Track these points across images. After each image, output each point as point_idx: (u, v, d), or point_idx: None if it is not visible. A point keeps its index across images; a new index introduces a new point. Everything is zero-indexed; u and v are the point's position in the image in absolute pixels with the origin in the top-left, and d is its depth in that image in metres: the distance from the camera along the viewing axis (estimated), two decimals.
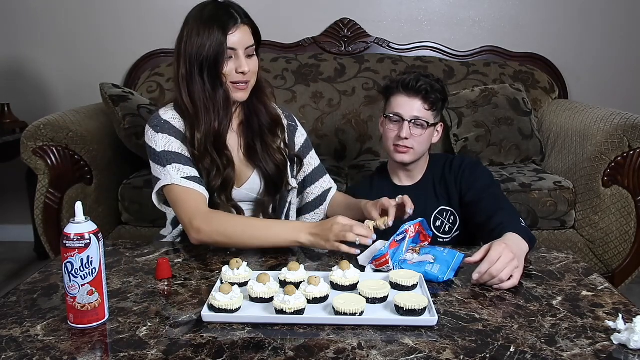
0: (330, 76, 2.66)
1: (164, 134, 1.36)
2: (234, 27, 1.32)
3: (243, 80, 1.36)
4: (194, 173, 1.35)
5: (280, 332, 0.92)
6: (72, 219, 0.94)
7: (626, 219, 2.05)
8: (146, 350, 0.86)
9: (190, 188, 1.32)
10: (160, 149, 1.35)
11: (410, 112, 1.54)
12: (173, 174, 1.32)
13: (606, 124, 2.06)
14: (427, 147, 1.61)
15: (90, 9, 2.82)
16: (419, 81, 1.53)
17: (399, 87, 1.56)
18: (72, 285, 0.93)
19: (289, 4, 2.84)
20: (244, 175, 1.46)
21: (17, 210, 2.94)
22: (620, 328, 0.90)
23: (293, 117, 1.60)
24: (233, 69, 1.34)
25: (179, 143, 1.37)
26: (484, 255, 1.13)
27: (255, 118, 1.45)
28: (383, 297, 1.02)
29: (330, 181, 1.62)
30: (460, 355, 0.85)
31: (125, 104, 2.16)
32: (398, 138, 1.55)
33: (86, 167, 2.07)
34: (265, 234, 1.28)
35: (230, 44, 1.32)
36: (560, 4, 2.83)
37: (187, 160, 1.36)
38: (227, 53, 1.32)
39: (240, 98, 1.38)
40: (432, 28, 2.86)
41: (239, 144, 1.46)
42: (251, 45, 1.36)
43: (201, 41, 1.31)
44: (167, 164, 1.34)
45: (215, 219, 1.29)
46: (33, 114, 2.56)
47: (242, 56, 1.34)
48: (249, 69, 1.35)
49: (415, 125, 1.55)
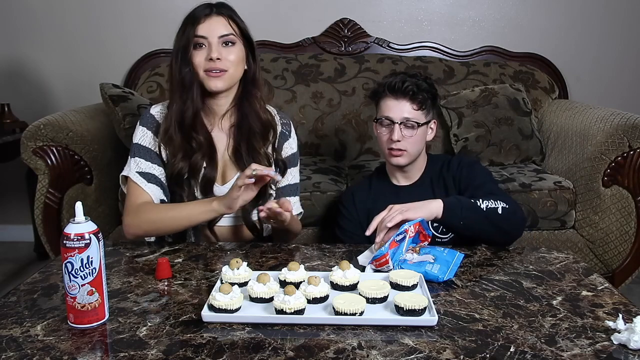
0: (330, 76, 2.66)
1: (144, 127, 1.46)
2: (205, 17, 1.39)
3: (216, 67, 1.38)
4: (151, 170, 1.42)
5: (280, 332, 0.92)
6: (72, 219, 0.94)
7: (626, 219, 2.05)
8: (146, 350, 0.86)
9: (138, 184, 1.40)
10: (136, 141, 1.45)
11: (399, 114, 1.54)
12: (132, 167, 1.42)
13: (606, 124, 2.06)
14: (421, 147, 1.61)
15: (91, 9, 2.82)
16: (405, 82, 1.53)
17: (385, 91, 1.56)
18: (72, 285, 0.93)
19: (289, 4, 2.83)
20: (229, 174, 1.47)
21: (17, 210, 2.94)
22: (620, 328, 0.90)
23: (290, 127, 1.57)
24: (204, 57, 1.38)
25: (152, 136, 1.44)
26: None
27: (246, 122, 1.46)
28: (383, 297, 1.02)
29: (295, 203, 1.54)
30: (460, 355, 0.85)
31: (125, 104, 2.16)
32: (390, 141, 1.55)
33: (86, 167, 2.07)
34: (185, 212, 1.37)
35: (199, 32, 1.38)
36: (560, 4, 2.83)
37: (153, 157, 1.43)
38: (194, 40, 1.38)
39: (215, 86, 1.40)
40: (432, 28, 2.86)
41: (227, 144, 1.48)
42: (226, 34, 1.39)
43: (178, 37, 1.41)
44: (133, 156, 1.43)
45: (141, 210, 1.38)
46: (33, 114, 2.55)
47: (215, 44, 1.38)
48: (220, 56, 1.38)
49: (406, 127, 1.55)
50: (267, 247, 1.36)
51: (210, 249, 1.34)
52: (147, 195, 1.40)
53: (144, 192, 1.40)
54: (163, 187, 1.43)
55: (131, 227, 1.38)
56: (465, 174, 1.58)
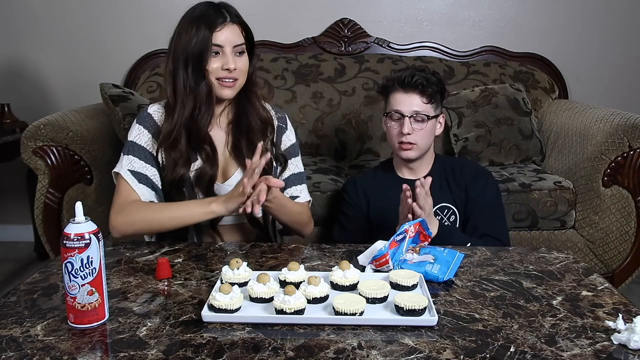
0: (330, 76, 2.66)
1: (140, 125, 1.44)
2: (221, 25, 1.36)
3: (229, 77, 1.37)
4: (144, 170, 1.40)
5: (280, 332, 0.92)
6: (72, 219, 0.94)
7: (626, 219, 2.05)
8: (146, 350, 0.86)
9: (128, 182, 1.38)
10: (131, 138, 1.43)
11: (409, 107, 1.57)
12: (124, 164, 1.40)
13: (606, 124, 2.06)
14: (431, 141, 1.63)
15: (90, 9, 2.82)
16: (414, 76, 1.56)
17: (395, 85, 1.59)
18: (72, 285, 0.93)
19: (289, 4, 2.83)
20: (229, 171, 1.47)
21: (17, 210, 2.94)
22: (620, 328, 0.90)
23: (286, 120, 1.57)
24: (219, 65, 1.37)
25: (149, 136, 1.42)
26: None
27: (244, 118, 1.46)
28: (383, 297, 1.02)
29: (302, 191, 1.55)
30: (460, 355, 0.85)
31: (125, 104, 2.16)
32: (401, 134, 1.57)
33: (86, 167, 2.07)
34: (181, 212, 1.35)
35: (216, 40, 1.35)
36: (561, 4, 2.83)
37: (148, 157, 1.41)
38: (212, 49, 1.35)
39: (226, 95, 1.40)
40: (432, 28, 2.86)
41: (226, 141, 1.48)
42: (240, 44, 1.38)
43: (188, 37, 1.36)
44: (127, 154, 1.42)
45: (132, 208, 1.36)
46: (33, 114, 2.55)
47: (229, 53, 1.37)
48: (236, 66, 1.37)
49: (416, 120, 1.57)
50: (267, 247, 1.36)
51: (210, 249, 1.34)
52: (136, 195, 1.38)
53: (133, 191, 1.38)
54: (155, 188, 1.41)
55: (121, 226, 1.36)
56: (482, 186, 1.62)
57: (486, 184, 1.63)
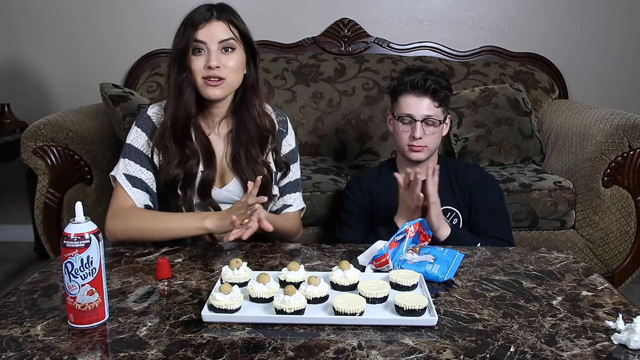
0: (330, 76, 2.66)
1: (139, 127, 1.43)
2: (205, 22, 1.34)
3: (214, 75, 1.34)
4: (139, 174, 1.39)
5: (280, 332, 0.92)
6: (72, 219, 0.94)
7: (626, 219, 2.05)
8: (146, 350, 0.86)
9: (123, 187, 1.38)
10: (129, 141, 1.42)
11: (421, 112, 1.56)
12: (120, 167, 1.40)
13: (606, 124, 2.06)
14: (439, 142, 1.64)
15: (90, 9, 2.82)
16: (427, 80, 1.54)
17: (407, 88, 1.56)
18: (72, 285, 0.93)
19: (289, 4, 2.83)
20: (227, 177, 1.46)
21: (17, 210, 2.94)
22: (620, 328, 0.90)
23: (287, 123, 1.54)
24: (203, 64, 1.34)
25: (146, 139, 1.42)
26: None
27: (243, 129, 1.44)
28: (383, 297, 1.02)
29: (296, 200, 1.54)
30: (460, 355, 0.85)
31: (125, 104, 2.16)
32: (412, 138, 1.56)
33: (86, 167, 2.07)
34: (174, 224, 1.35)
35: (198, 37, 1.34)
36: (561, 4, 2.83)
37: (144, 161, 1.41)
38: (193, 45, 1.34)
39: (213, 95, 1.37)
40: (432, 28, 2.86)
41: (225, 151, 1.46)
42: (226, 39, 1.35)
43: (177, 38, 1.36)
44: (124, 157, 1.41)
45: (127, 215, 1.35)
46: (33, 114, 2.55)
47: (214, 50, 1.34)
48: (219, 63, 1.33)
49: (427, 124, 1.56)
50: (267, 247, 1.36)
51: (211, 249, 1.34)
52: (131, 200, 1.37)
53: (128, 197, 1.37)
54: (150, 192, 1.40)
55: (116, 231, 1.35)
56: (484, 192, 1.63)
57: (490, 188, 1.63)
